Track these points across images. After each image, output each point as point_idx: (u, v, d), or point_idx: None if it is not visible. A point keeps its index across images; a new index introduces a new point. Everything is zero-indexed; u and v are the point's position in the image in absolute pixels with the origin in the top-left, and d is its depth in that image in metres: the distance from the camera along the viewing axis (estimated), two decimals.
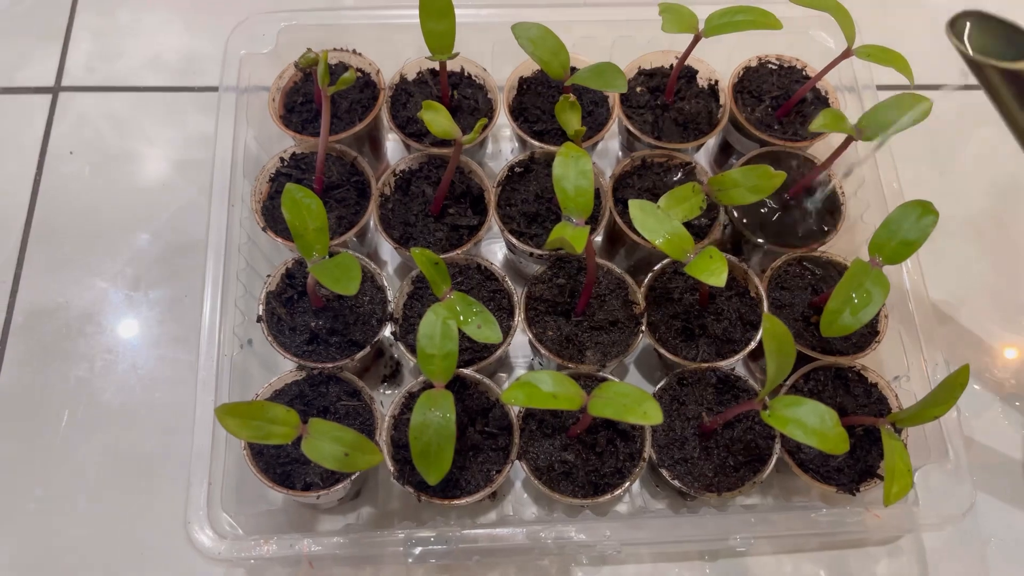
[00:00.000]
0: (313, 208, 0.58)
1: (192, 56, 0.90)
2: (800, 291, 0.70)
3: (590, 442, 0.64)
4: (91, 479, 0.71)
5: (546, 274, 0.70)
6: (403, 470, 0.63)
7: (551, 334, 0.67)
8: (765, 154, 0.75)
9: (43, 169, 0.84)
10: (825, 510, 0.61)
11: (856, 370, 0.67)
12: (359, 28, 0.78)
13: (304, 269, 0.69)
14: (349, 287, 0.54)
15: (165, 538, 0.69)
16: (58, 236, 0.81)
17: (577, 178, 0.59)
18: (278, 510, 0.69)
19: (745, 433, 0.65)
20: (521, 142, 0.79)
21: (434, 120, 0.62)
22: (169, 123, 0.87)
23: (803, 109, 0.77)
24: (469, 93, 0.77)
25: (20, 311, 0.77)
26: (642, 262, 0.76)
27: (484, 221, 0.71)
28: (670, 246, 0.60)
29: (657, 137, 0.75)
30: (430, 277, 0.59)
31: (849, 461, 0.65)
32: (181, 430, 0.72)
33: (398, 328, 0.67)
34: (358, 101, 0.75)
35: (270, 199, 0.72)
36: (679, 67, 0.73)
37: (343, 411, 0.65)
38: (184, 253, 0.80)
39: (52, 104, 0.87)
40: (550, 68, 0.69)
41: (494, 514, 0.70)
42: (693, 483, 0.63)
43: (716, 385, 0.67)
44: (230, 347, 0.65)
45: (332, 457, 0.52)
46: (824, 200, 0.72)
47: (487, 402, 0.66)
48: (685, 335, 0.68)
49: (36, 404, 0.74)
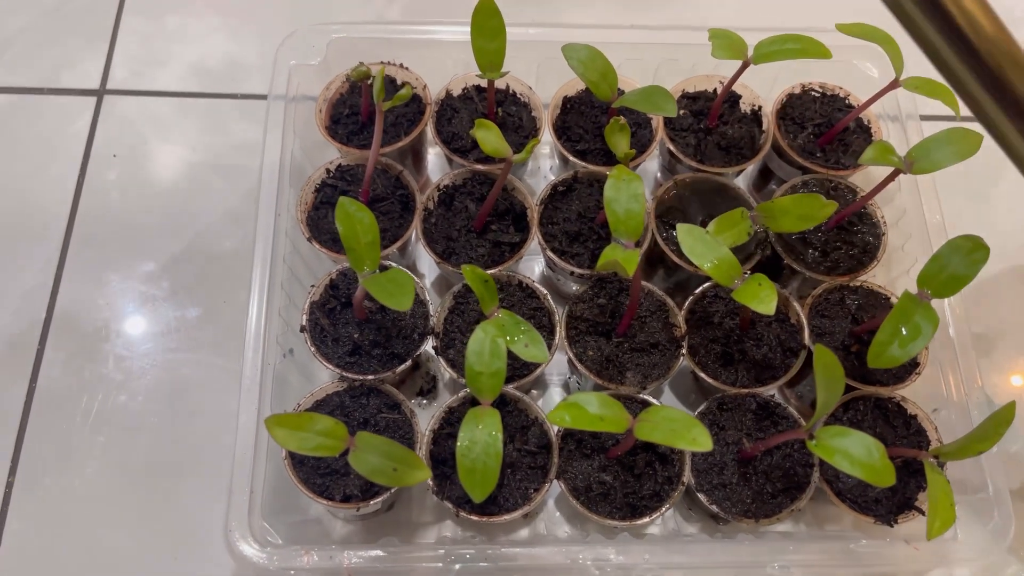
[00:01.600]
0: (366, 222, 0.58)
1: (236, 64, 0.91)
2: (840, 320, 0.70)
3: (628, 464, 0.64)
4: (127, 482, 0.72)
5: (587, 293, 0.70)
6: (442, 485, 0.63)
7: (591, 354, 0.68)
8: (808, 181, 0.75)
9: (86, 171, 0.85)
10: (865, 541, 0.61)
11: (896, 401, 0.67)
12: (405, 43, 0.79)
13: (348, 280, 0.69)
14: (403, 302, 0.54)
15: (203, 544, 0.69)
16: (99, 239, 0.82)
17: (628, 201, 0.59)
18: (311, 520, 0.70)
19: (784, 460, 0.65)
20: (563, 160, 0.79)
21: (486, 138, 0.62)
22: (211, 130, 0.87)
23: (845, 137, 0.78)
24: (514, 111, 0.78)
25: (60, 312, 0.78)
26: (680, 284, 0.76)
27: (527, 239, 0.71)
28: (718, 272, 0.60)
29: (700, 160, 0.76)
30: (479, 294, 0.59)
31: (887, 492, 0.64)
32: (218, 436, 0.73)
33: (439, 343, 0.67)
34: (404, 115, 0.76)
35: (315, 209, 0.73)
36: (725, 92, 0.74)
37: (383, 424, 0.65)
38: (223, 259, 0.81)
39: (97, 107, 0.88)
40: (598, 89, 0.69)
41: (527, 532, 0.70)
42: (731, 509, 0.63)
43: (755, 411, 0.67)
44: (273, 356, 0.65)
45: (380, 472, 0.52)
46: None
47: (526, 420, 0.66)
48: (724, 360, 0.69)
49: (73, 405, 0.74)
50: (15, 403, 0.74)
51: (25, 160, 0.85)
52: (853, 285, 0.72)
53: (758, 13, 0.91)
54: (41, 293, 0.79)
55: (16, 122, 0.87)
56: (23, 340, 0.76)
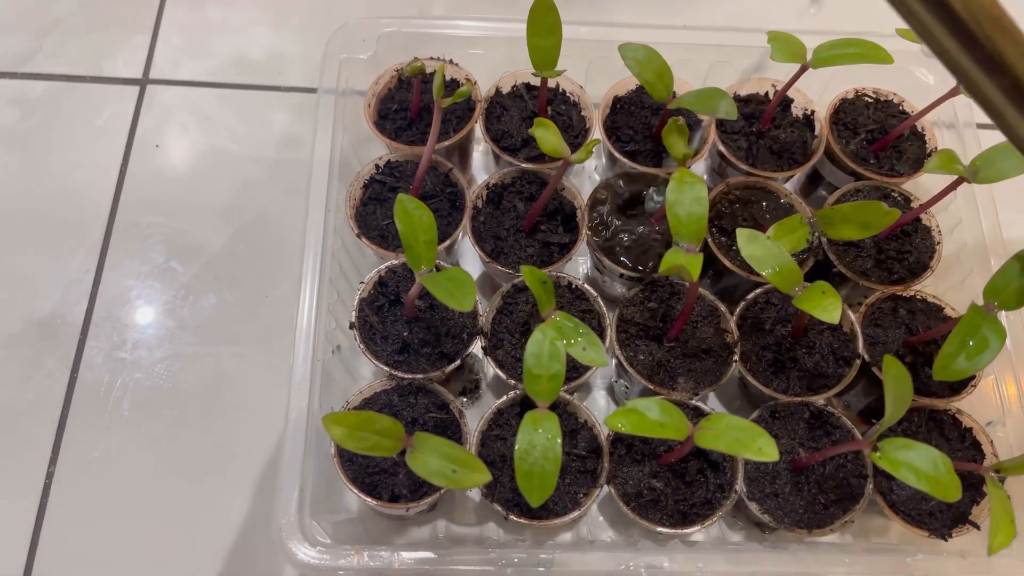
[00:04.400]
0: (424, 220, 0.57)
1: (278, 56, 0.91)
2: (893, 329, 0.69)
3: (680, 471, 0.63)
4: (168, 476, 0.71)
5: (638, 297, 0.69)
6: (491, 487, 0.62)
7: (642, 358, 0.67)
8: (861, 188, 0.74)
9: (129, 161, 0.84)
10: (921, 556, 0.60)
11: (951, 413, 0.67)
12: (454, 39, 0.78)
13: (396, 278, 0.68)
14: (464, 303, 0.53)
15: (247, 541, 0.68)
16: (141, 229, 0.81)
17: (691, 204, 0.59)
18: (354, 519, 0.69)
19: (837, 470, 0.64)
20: (611, 161, 0.78)
21: (544, 137, 0.61)
22: (254, 122, 0.87)
23: (899, 144, 0.76)
24: (563, 110, 0.77)
25: (102, 302, 0.77)
26: (725, 291, 0.75)
27: (576, 239, 0.71)
28: (779, 279, 0.59)
29: (751, 164, 0.75)
30: (537, 295, 0.58)
31: (941, 506, 0.64)
32: (261, 431, 0.73)
33: (487, 343, 0.67)
34: (452, 112, 0.75)
35: (363, 205, 0.72)
36: (781, 95, 0.73)
37: (431, 423, 0.65)
38: (266, 253, 0.80)
39: (139, 96, 0.87)
40: (654, 90, 0.68)
41: (570, 535, 0.70)
42: (783, 518, 0.62)
43: (808, 420, 0.66)
44: (323, 352, 0.65)
45: (440, 473, 0.52)
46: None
47: (575, 423, 0.66)
48: (776, 367, 0.68)
49: (114, 397, 0.74)
50: (56, 394, 0.74)
51: (67, 149, 0.85)
52: (906, 295, 0.71)
53: (814, 16, 0.90)
54: (83, 283, 0.78)
55: (58, 110, 0.86)
56: (65, 330, 0.76)
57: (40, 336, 0.76)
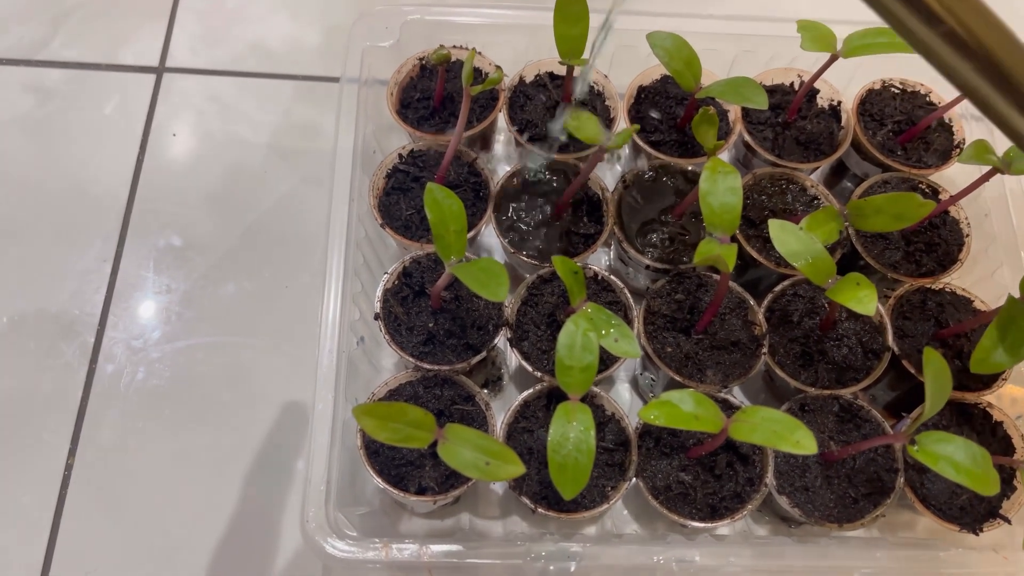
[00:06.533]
0: (454, 209, 0.57)
1: (296, 44, 0.90)
2: (922, 322, 0.69)
3: (709, 464, 0.63)
4: (189, 467, 0.70)
5: (665, 288, 0.68)
6: (519, 480, 0.61)
7: (670, 350, 0.66)
8: (889, 180, 0.73)
9: (145, 150, 0.83)
10: (957, 550, 0.59)
11: (981, 407, 0.66)
12: (477, 27, 0.77)
13: (420, 268, 0.68)
14: (498, 293, 0.53)
15: (270, 534, 0.68)
16: (158, 218, 0.80)
17: (724, 194, 0.58)
18: (376, 512, 0.68)
19: (867, 464, 0.63)
20: (635, 151, 0.78)
21: (581, 126, 0.60)
22: (272, 111, 0.86)
23: (927, 136, 0.76)
24: (587, 99, 0.76)
25: (119, 293, 0.77)
26: (749, 283, 0.74)
27: (602, 230, 0.70)
28: (813, 270, 0.58)
29: (777, 155, 0.74)
30: (569, 286, 0.58)
31: (973, 500, 0.63)
32: (282, 422, 0.72)
33: (513, 334, 0.66)
34: (476, 101, 0.74)
35: (386, 195, 0.71)
36: (809, 85, 0.72)
37: (457, 415, 0.64)
38: (285, 243, 0.79)
39: (156, 85, 0.86)
40: (683, 79, 0.68)
41: (594, 529, 0.69)
42: (813, 512, 0.62)
43: (838, 413, 0.65)
44: (347, 343, 0.64)
45: (473, 465, 0.51)
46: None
47: (602, 416, 0.65)
48: (804, 360, 0.67)
49: (134, 389, 0.73)
50: (75, 384, 0.73)
51: (83, 137, 0.84)
52: (935, 287, 0.70)
53: (840, 4, 0.89)
54: (100, 273, 0.77)
55: (74, 98, 0.85)
56: (83, 320, 0.75)
57: (58, 326, 0.75)
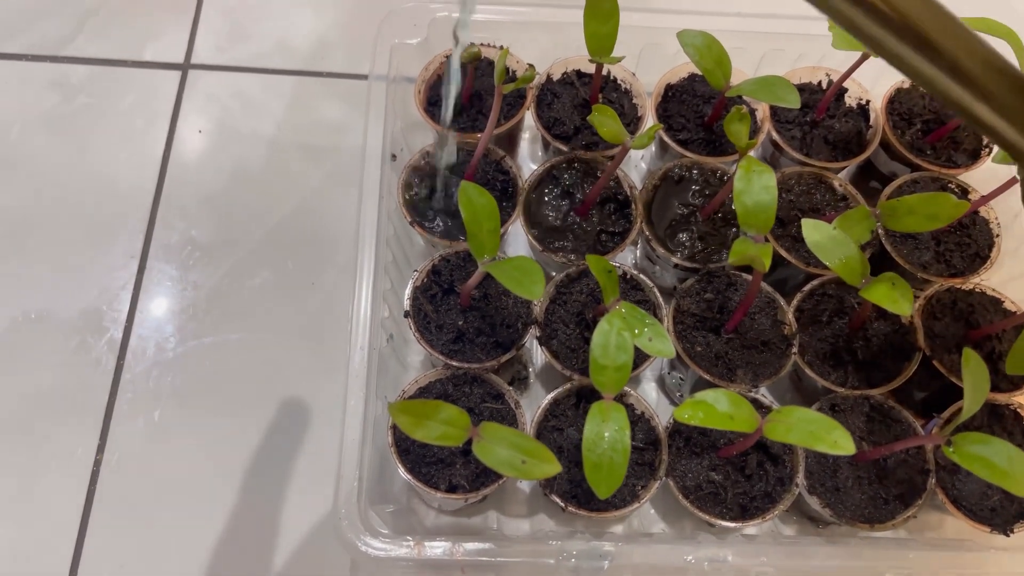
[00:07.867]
0: (488, 208, 0.57)
1: (321, 42, 0.90)
2: (952, 323, 0.68)
3: (739, 464, 0.63)
4: (217, 465, 0.70)
5: (694, 287, 0.68)
6: (549, 479, 0.61)
7: (699, 349, 0.66)
8: (918, 179, 0.73)
9: (171, 147, 0.83)
10: (989, 551, 0.59)
11: (1012, 408, 0.66)
12: (505, 24, 0.76)
13: (450, 266, 0.68)
14: (534, 291, 0.53)
15: (300, 531, 0.68)
16: (186, 216, 0.80)
17: (759, 193, 0.58)
18: (404, 509, 0.68)
19: (898, 465, 0.63)
20: (662, 149, 0.77)
21: (603, 123, 0.60)
22: (297, 108, 0.86)
23: (955, 135, 0.75)
24: (615, 97, 0.76)
25: (145, 291, 0.77)
26: (780, 281, 0.74)
27: (630, 228, 0.70)
28: (846, 270, 0.58)
29: (806, 154, 0.74)
30: (603, 284, 0.57)
31: (1004, 501, 0.63)
32: (311, 420, 0.72)
33: (542, 333, 0.66)
34: (504, 98, 0.74)
35: (414, 193, 0.71)
36: (839, 83, 0.72)
37: (487, 413, 0.64)
38: (312, 240, 0.80)
39: (181, 81, 0.86)
40: (713, 77, 0.67)
41: (622, 528, 0.69)
42: (844, 512, 0.62)
43: (868, 414, 0.65)
44: (378, 341, 0.64)
45: (509, 464, 0.51)
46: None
47: (632, 415, 0.65)
48: (834, 360, 0.67)
49: (162, 386, 0.73)
50: (103, 381, 0.73)
51: (109, 133, 0.84)
52: (965, 288, 0.70)
53: None
54: (128, 270, 0.78)
55: (99, 95, 0.86)
56: (111, 317, 0.75)
57: (86, 323, 0.75)
